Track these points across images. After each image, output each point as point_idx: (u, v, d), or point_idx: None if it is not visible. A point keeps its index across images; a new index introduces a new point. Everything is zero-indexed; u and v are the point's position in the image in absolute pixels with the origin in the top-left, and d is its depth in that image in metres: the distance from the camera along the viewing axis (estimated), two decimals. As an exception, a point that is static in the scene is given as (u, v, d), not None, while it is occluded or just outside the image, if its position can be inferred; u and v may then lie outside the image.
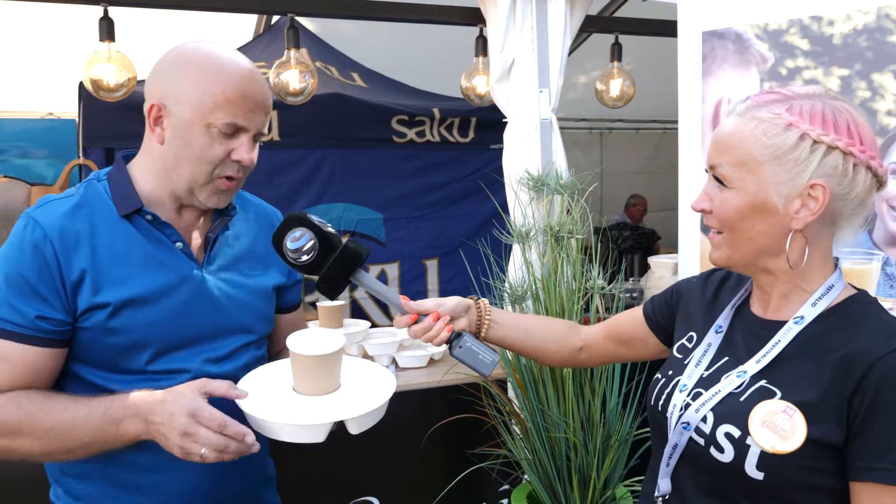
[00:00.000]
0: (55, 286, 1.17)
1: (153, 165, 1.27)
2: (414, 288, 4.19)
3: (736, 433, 1.01)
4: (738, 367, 1.08)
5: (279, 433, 1.17)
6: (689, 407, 1.08)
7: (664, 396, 1.15)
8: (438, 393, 2.47)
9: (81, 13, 2.79)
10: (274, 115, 3.71)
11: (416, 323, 1.30)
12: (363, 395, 1.25)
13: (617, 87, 3.65)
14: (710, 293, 1.24)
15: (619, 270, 2.39)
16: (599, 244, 2.29)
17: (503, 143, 2.61)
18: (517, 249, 2.43)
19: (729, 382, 1.06)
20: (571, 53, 2.75)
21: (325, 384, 1.24)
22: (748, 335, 1.11)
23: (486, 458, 2.33)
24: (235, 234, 1.38)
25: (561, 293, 2.16)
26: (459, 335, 1.31)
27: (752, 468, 0.98)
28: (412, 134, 4.09)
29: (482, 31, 3.03)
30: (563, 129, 2.62)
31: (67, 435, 1.15)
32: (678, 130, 2.21)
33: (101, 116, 3.37)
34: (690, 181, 2.18)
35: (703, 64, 2.12)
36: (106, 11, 2.69)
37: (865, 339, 0.98)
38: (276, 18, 4.22)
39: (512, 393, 2.34)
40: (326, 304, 2.74)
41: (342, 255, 1.22)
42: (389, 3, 2.90)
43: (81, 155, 3.48)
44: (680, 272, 2.25)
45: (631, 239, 6.14)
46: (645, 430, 2.08)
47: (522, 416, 2.22)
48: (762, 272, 1.08)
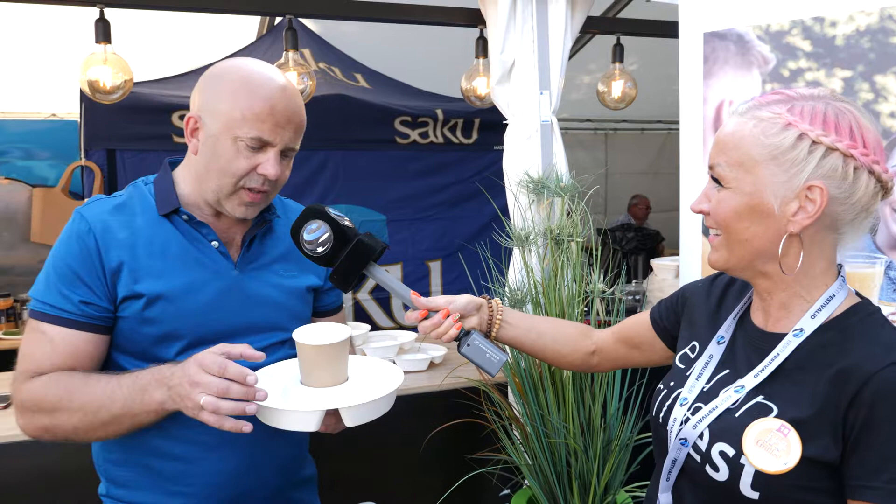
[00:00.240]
0: (97, 273, 1.26)
1: (189, 173, 1.36)
2: (417, 289, 4.05)
3: (730, 452, 0.99)
4: (736, 380, 1.06)
5: (270, 418, 1.19)
6: (688, 422, 1.06)
7: (665, 408, 1.13)
8: (438, 397, 2.46)
9: (84, 14, 2.80)
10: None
11: (425, 319, 1.32)
12: (364, 388, 1.26)
13: (618, 88, 3.63)
14: (714, 299, 1.22)
15: (619, 274, 2.37)
16: (602, 246, 2.27)
17: (506, 144, 2.59)
18: (517, 253, 2.41)
19: (726, 398, 1.04)
20: (575, 54, 2.74)
21: (328, 376, 1.25)
22: (748, 347, 1.09)
23: (485, 462, 2.32)
24: (274, 237, 1.44)
25: (561, 297, 2.15)
26: (468, 333, 1.32)
27: (746, 488, 0.96)
28: (415, 135, 4.07)
29: (482, 32, 3.01)
30: (567, 129, 2.61)
31: (101, 407, 1.20)
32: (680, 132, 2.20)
33: (102, 118, 3.36)
34: (692, 183, 2.16)
35: (704, 65, 2.10)
36: (102, 13, 2.68)
37: (862, 353, 0.95)
38: (279, 20, 4.21)
39: (512, 397, 2.33)
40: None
41: (355, 248, 1.25)
42: (389, 4, 2.89)
43: (83, 156, 3.48)
44: (681, 274, 2.24)
45: (635, 240, 6.10)
46: (645, 435, 2.07)
47: (522, 420, 2.21)
48: (760, 276, 1.06)
